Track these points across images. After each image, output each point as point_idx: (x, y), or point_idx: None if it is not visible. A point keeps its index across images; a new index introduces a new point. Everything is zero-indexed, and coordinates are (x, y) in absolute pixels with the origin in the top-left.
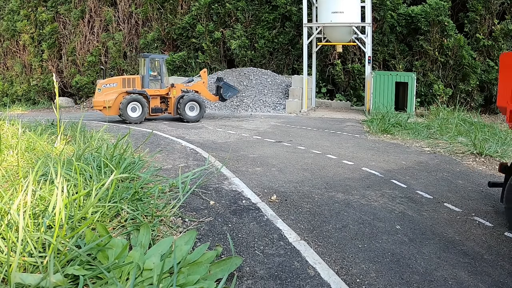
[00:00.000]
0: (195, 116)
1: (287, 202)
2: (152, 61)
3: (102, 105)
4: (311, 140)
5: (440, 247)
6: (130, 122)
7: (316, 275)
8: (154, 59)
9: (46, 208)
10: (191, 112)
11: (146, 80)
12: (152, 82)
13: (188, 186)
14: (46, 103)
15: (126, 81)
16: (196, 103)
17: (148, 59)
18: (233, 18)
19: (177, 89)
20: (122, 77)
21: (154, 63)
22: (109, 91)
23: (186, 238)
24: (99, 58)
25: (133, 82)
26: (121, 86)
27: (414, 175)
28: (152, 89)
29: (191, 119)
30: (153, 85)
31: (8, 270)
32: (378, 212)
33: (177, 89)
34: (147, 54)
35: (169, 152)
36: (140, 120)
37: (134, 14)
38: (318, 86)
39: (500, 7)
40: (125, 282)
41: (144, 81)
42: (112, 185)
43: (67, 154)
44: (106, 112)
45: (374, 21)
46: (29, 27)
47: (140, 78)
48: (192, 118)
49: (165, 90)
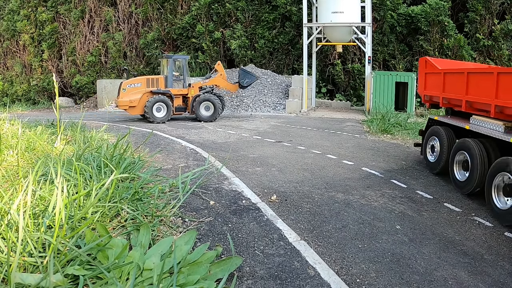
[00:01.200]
0: (210, 115)
1: (287, 202)
2: (175, 61)
3: (127, 104)
4: (311, 140)
5: (440, 247)
6: (156, 122)
7: (316, 275)
8: (177, 59)
9: (46, 208)
10: (206, 111)
11: (170, 80)
12: (175, 82)
13: (188, 186)
14: (46, 103)
15: (150, 81)
16: (210, 102)
17: (171, 59)
18: (233, 18)
19: (195, 88)
20: (146, 77)
21: (177, 63)
22: (133, 91)
23: (186, 238)
24: (99, 58)
25: (157, 82)
26: (145, 86)
27: (414, 175)
28: (175, 88)
29: (206, 119)
30: (176, 85)
31: (8, 270)
32: (378, 212)
33: (195, 88)
34: (170, 55)
35: (169, 152)
36: (165, 120)
37: (134, 14)
38: (318, 86)
39: (500, 7)
40: (125, 282)
41: (167, 81)
42: (112, 185)
43: (67, 154)
44: (130, 111)
45: (374, 21)
46: (29, 27)
47: (163, 78)
48: (206, 118)
49: (186, 90)
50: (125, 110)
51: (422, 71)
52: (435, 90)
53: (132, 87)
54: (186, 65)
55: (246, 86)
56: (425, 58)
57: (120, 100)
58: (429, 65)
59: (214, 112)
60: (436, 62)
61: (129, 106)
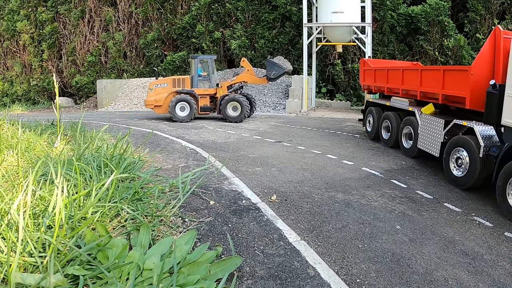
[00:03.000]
0: (237, 116)
1: (287, 202)
2: (201, 61)
3: (152, 103)
4: (311, 140)
5: (440, 247)
6: (179, 120)
7: (316, 275)
8: (203, 59)
9: (46, 208)
10: (233, 112)
11: (195, 80)
12: (201, 82)
13: (188, 186)
14: (46, 103)
15: (176, 81)
16: (237, 103)
17: (197, 59)
18: (233, 18)
19: (223, 88)
20: (172, 78)
21: (204, 63)
22: (160, 91)
23: (186, 238)
24: (99, 58)
25: (183, 82)
26: (171, 86)
27: (414, 175)
28: (200, 88)
29: (233, 119)
30: (202, 84)
31: (8, 270)
32: (378, 212)
33: (223, 88)
34: (195, 55)
35: (169, 152)
36: (188, 119)
37: (134, 14)
38: (318, 86)
39: (500, 7)
40: (125, 282)
41: (193, 81)
42: (112, 185)
43: (67, 154)
44: (156, 110)
45: (374, 21)
46: (29, 27)
47: (190, 79)
48: (233, 118)
49: (213, 90)
50: (152, 109)
51: (362, 68)
52: (369, 81)
53: (158, 87)
54: (212, 65)
55: (274, 78)
56: (363, 60)
57: (147, 99)
58: (366, 64)
59: (241, 112)
60: (371, 62)
61: (154, 105)
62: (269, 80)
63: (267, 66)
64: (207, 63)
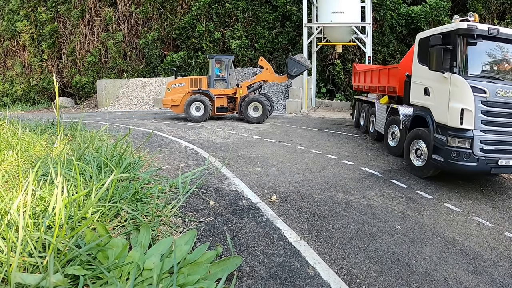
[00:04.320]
0: (258, 117)
1: (287, 202)
2: (218, 61)
3: (169, 103)
4: (311, 140)
5: (440, 247)
6: (193, 120)
7: (316, 275)
8: (220, 59)
9: (46, 208)
10: (255, 112)
11: (212, 80)
12: (217, 82)
13: (188, 186)
14: (46, 103)
15: (193, 81)
16: (259, 103)
17: (213, 59)
18: (233, 18)
19: (243, 88)
20: (190, 78)
21: (221, 63)
22: (177, 90)
23: (186, 238)
24: (99, 58)
25: (200, 82)
26: (188, 86)
27: (414, 175)
28: (217, 89)
29: (254, 120)
30: (219, 85)
31: (8, 270)
32: (378, 212)
33: (243, 88)
34: (212, 55)
35: (169, 152)
36: (203, 119)
37: (134, 14)
38: (318, 86)
39: (500, 7)
40: (125, 282)
41: (210, 81)
42: (112, 185)
43: (67, 154)
44: (173, 109)
45: (374, 21)
46: (29, 27)
47: (206, 79)
48: (254, 119)
49: (231, 90)
50: (169, 108)
51: (353, 71)
52: (356, 82)
53: (176, 87)
54: (229, 65)
55: (295, 75)
56: (354, 64)
57: (164, 99)
58: (355, 68)
59: (262, 113)
60: (358, 66)
61: (171, 105)
62: (289, 77)
63: (288, 64)
64: (224, 63)
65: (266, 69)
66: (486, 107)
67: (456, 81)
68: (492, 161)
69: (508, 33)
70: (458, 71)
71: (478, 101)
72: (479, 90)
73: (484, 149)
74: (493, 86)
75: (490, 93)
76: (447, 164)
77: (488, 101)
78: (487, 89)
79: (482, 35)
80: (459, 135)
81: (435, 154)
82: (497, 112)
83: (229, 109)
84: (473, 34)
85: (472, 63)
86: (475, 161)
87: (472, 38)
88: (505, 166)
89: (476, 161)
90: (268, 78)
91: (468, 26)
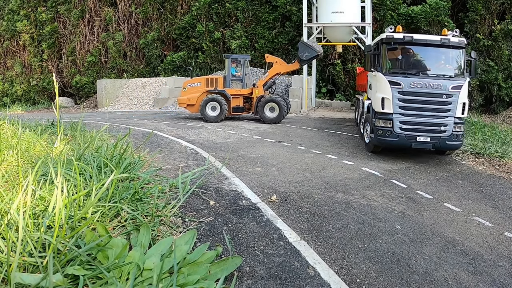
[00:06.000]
0: (274, 117)
1: (287, 202)
2: (234, 61)
3: (185, 102)
4: (311, 140)
5: (440, 247)
6: (209, 120)
7: (316, 275)
8: (236, 59)
9: (46, 208)
10: (271, 113)
11: (228, 80)
12: (234, 82)
13: (188, 186)
14: (46, 103)
15: (209, 81)
16: (275, 103)
17: (229, 59)
18: (233, 18)
19: (260, 88)
20: (206, 77)
21: (237, 63)
22: (193, 90)
23: (186, 238)
24: (99, 58)
25: (216, 82)
26: (204, 86)
27: (414, 175)
28: (233, 88)
29: (270, 120)
30: (235, 85)
31: (8, 270)
32: (378, 212)
33: (259, 88)
34: (228, 55)
35: (169, 152)
36: (218, 119)
37: (134, 14)
38: (318, 86)
39: (500, 7)
40: (125, 282)
41: (226, 81)
42: (112, 185)
43: (67, 154)
44: (189, 109)
45: (374, 21)
46: (29, 27)
47: (222, 78)
48: (271, 119)
49: (247, 90)
50: (185, 108)
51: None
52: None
53: (192, 86)
54: (245, 64)
55: (306, 60)
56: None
57: (179, 98)
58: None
59: (279, 114)
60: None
61: (187, 104)
62: (300, 62)
63: (299, 48)
64: (240, 63)
65: (275, 62)
66: (402, 95)
67: (379, 77)
68: (411, 137)
69: (420, 38)
70: (381, 70)
71: (395, 92)
72: (395, 83)
73: (403, 128)
74: (408, 80)
75: (405, 85)
76: (377, 140)
77: (404, 91)
78: (402, 82)
79: (399, 42)
80: (383, 117)
81: (371, 133)
82: (411, 99)
83: (245, 109)
84: (390, 42)
85: (391, 63)
86: (396, 137)
87: (390, 44)
88: (423, 142)
89: (397, 137)
90: (280, 69)
91: (387, 35)
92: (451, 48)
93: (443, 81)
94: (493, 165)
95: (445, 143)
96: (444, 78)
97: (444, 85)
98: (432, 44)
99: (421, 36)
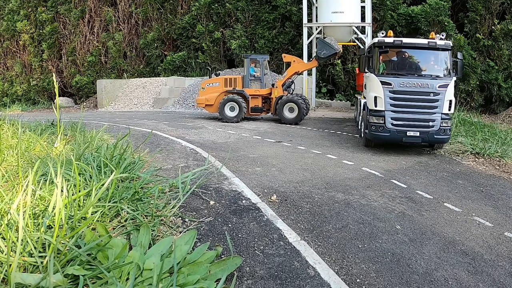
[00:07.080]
0: (294, 117)
1: (287, 202)
2: (252, 61)
3: (203, 102)
4: (311, 140)
5: (440, 247)
6: (228, 121)
7: (316, 275)
8: (255, 59)
9: (46, 208)
10: (290, 113)
11: (246, 80)
12: (252, 82)
13: (188, 186)
14: (46, 103)
15: (228, 81)
16: (294, 104)
17: (248, 59)
18: (233, 18)
19: (279, 88)
20: (224, 77)
21: (255, 63)
22: (211, 90)
23: (186, 238)
24: (99, 58)
25: (235, 82)
26: (223, 86)
27: (414, 175)
28: (252, 89)
29: (289, 121)
30: (254, 85)
31: (8, 270)
32: (378, 212)
33: (278, 88)
34: (247, 55)
35: (169, 152)
36: (237, 120)
37: (134, 14)
38: (318, 86)
39: (500, 7)
40: (125, 282)
41: (244, 81)
42: (112, 185)
43: (67, 154)
44: (208, 109)
45: (374, 21)
46: (29, 27)
47: (241, 78)
48: (290, 120)
49: (266, 90)
50: (204, 108)
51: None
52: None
53: (210, 86)
54: (264, 65)
55: (324, 58)
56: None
57: (198, 98)
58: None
59: (298, 114)
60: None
61: (205, 104)
62: (318, 60)
63: (318, 45)
64: (260, 63)
65: (293, 61)
66: (393, 94)
67: (371, 77)
68: (402, 132)
69: (409, 42)
70: (373, 71)
71: (387, 91)
72: (386, 83)
73: (394, 124)
74: (398, 80)
75: (395, 84)
76: (370, 135)
77: (394, 90)
78: (393, 82)
79: (389, 45)
80: (375, 114)
81: (366, 129)
82: (401, 97)
83: (264, 109)
84: (382, 45)
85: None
86: (388, 132)
87: (381, 48)
88: (412, 136)
89: (389, 132)
90: (299, 68)
91: (379, 40)
92: (438, 50)
93: (430, 80)
94: (493, 165)
95: (433, 137)
96: (431, 77)
97: (432, 84)
98: (420, 47)
99: (410, 40)
